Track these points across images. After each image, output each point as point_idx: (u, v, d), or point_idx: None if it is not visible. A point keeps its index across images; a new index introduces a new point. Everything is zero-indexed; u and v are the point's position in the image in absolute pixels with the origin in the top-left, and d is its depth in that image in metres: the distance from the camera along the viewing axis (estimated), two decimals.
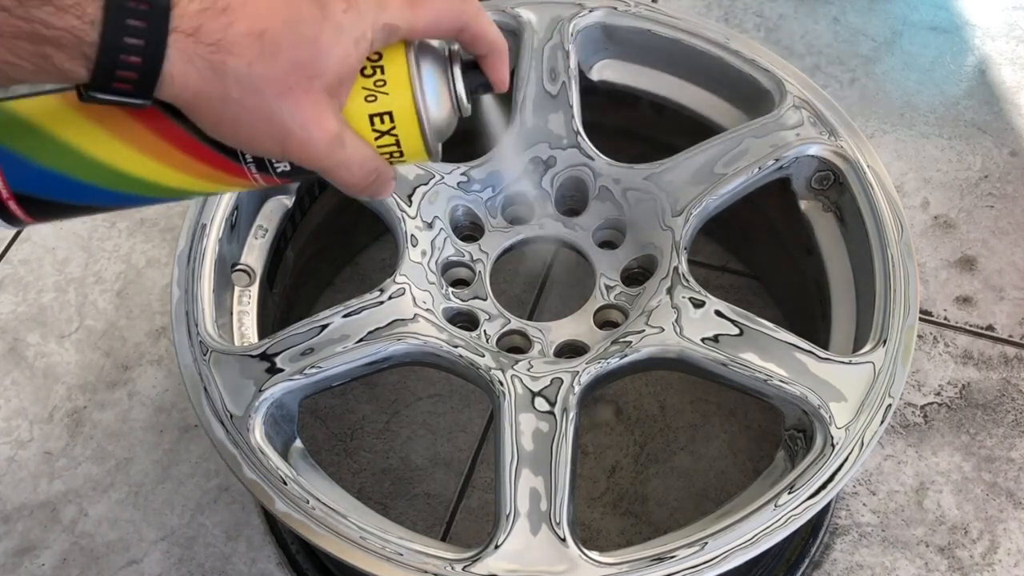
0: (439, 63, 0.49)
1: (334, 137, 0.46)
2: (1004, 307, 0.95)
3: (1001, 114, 1.08)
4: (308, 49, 0.44)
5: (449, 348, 0.67)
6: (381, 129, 0.48)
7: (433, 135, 0.49)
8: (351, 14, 0.45)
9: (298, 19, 0.44)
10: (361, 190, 0.50)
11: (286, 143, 0.46)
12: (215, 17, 0.43)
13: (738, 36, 0.79)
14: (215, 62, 0.43)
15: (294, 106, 0.45)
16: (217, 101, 0.44)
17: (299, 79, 0.44)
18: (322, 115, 0.45)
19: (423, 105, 0.48)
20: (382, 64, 0.47)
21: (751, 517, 0.61)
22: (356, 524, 0.61)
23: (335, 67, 0.45)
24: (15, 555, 0.85)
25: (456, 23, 0.48)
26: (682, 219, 0.72)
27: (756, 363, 0.65)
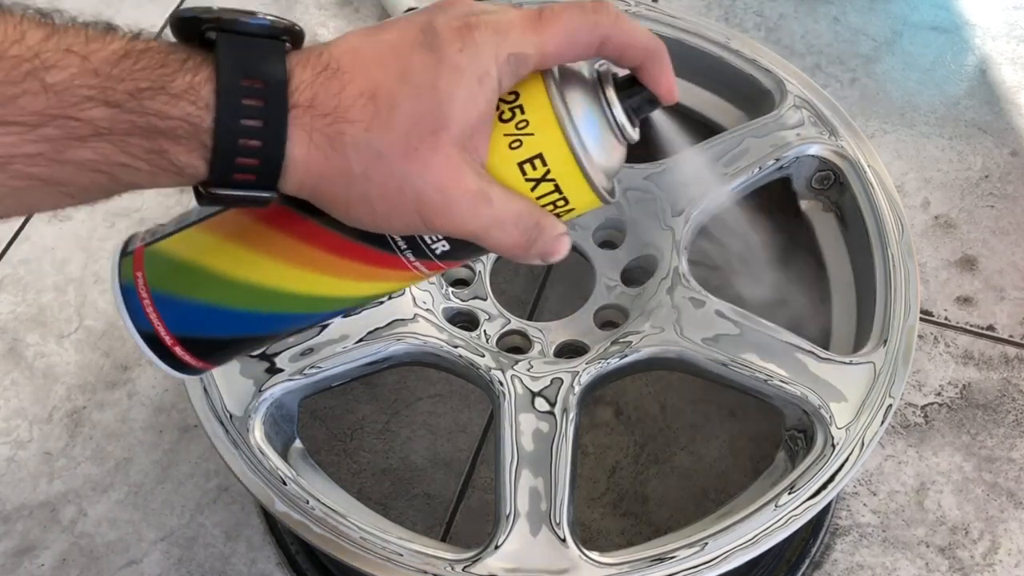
0: (587, 88, 0.43)
1: (476, 195, 0.40)
2: (1005, 307, 0.95)
3: (1002, 114, 1.07)
4: (427, 101, 0.39)
5: (449, 348, 0.67)
6: (535, 177, 0.42)
7: (597, 171, 0.43)
8: (467, 52, 0.39)
9: (411, 69, 0.39)
10: (526, 251, 0.43)
11: (424, 212, 0.40)
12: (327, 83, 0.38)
13: (738, 36, 0.79)
14: (332, 135, 0.38)
15: (423, 168, 0.39)
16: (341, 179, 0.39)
17: (423, 136, 0.39)
18: (457, 172, 0.39)
19: (576, 138, 0.41)
20: (520, 104, 0.41)
21: (751, 517, 0.61)
22: (356, 524, 0.61)
23: (461, 115, 0.39)
24: (14, 555, 0.85)
25: (593, 36, 0.42)
26: (682, 219, 0.72)
27: (756, 363, 0.65)
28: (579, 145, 0.41)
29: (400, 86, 0.39)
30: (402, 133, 0.39)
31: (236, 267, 0.43)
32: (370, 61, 0.39)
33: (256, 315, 0.44)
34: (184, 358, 0.45)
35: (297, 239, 0.43)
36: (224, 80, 0.37)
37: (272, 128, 0.37)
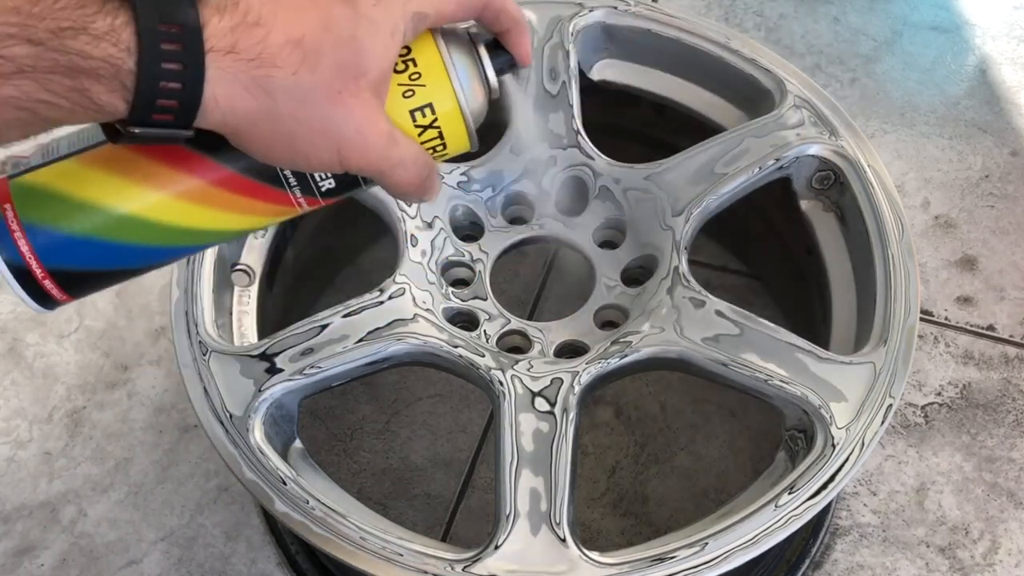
0: (466, 47, 0.48)
1: (387, 136, 0.44)
2: (1005, 307, 0.95)
3: (1002, 114, 1.07)
4: (349, 49, 0.42)
5: (449, 348, 0.67)
6: (423, 123, 0.47)
7: (474, 121, 0.49)
8: (381, 7, 0.43)
9: (332, 20, 0.42)
10: (416, 189, 0.47)
11: (344, 150, 0.44)
12: (248, 31, 0.41)
13: (738, 35, 0.79)
14: (259, 77, 0.41)
15: (346, 111, 0.43)
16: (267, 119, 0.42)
17: (345, 81, 0.42)
18: (374, 115, 0.44)
19: (462, 92, 0.47)
20: (413, 57, 0.46)
21: (752, 517, 0.61)
22: (356, 524, 0.61)
23: (377, 63, 0.43)
24: (14, 555, 0.85)
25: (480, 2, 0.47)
26: (682, 219, 0.72)
27: (756, 363, 0.65)
28: (463, 96, 0.47)
29: (324, 35, 0.42)
30: (327, 78, 0.42)
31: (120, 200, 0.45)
32: (291, 12, 0.42)
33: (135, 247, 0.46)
34: (52, 291, 0.46)
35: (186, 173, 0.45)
36: (143, 24, 0.39)
37: (191, 71, 0.39)
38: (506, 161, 0.76)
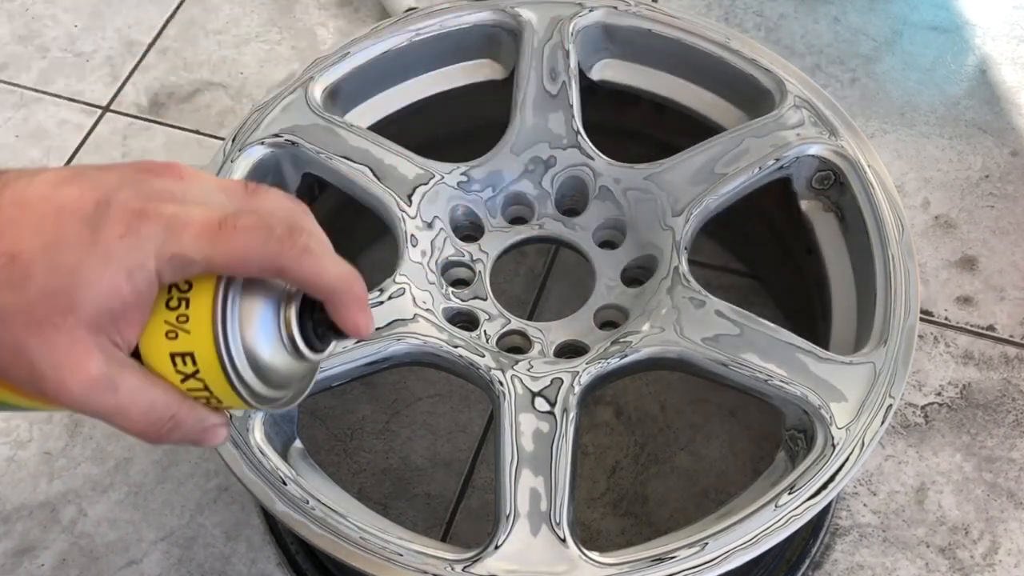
0: (268, 301, 0.42)
1: (96, 381, 0.39)
2: (1005, 307, 0.95)
3: (1002, 114, 1.07)
4: (63, 279, 0.37)
5: (449, 348, 0.67)
6: (185, 372, 0.41)
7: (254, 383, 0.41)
8: (127, 241, 0.38)
9: (59, 243, 0.38)
10: (158, 438, 0.41)
11: (39, 384, 0.39)
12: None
13: (738, 35, 0.79)
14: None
15: (43, 344, 0.38)
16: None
17: (48, 312, 0.38)
18: (80, 356, 0.38)
19: (228, 351, 0.40)
20: (188, 296, 0.40)
21: (752, 517, 0.61)
22: (356, 524, 0.61)
23: (97, 300, 0.38)
24: (14, 555, 0.85)
25: (269, 264, 0.40)
26: (682, 219, 0.72)
27: (756, 363, 0.65)
28: (229, 356, 0.40)
29: (42, 257, 0.38)
30: (29, 303, 0.38)
31: None
32: (29, 221, 0.38)
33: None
34: None
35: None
36: None
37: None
38: (506, 161, 0.76)
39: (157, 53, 1.15)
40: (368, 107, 0.82)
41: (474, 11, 0.80)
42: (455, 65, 0.83)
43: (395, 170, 0.74)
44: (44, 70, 1.14)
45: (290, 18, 1.18)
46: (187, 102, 1.12)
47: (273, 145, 0.74)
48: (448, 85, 0.83)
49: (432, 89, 0.83)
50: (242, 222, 0.39)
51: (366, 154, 0.74)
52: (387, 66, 0.80)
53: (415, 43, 0.80)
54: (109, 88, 1.12)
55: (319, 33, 1.16)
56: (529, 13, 0.79)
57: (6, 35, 1.17)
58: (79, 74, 1.13)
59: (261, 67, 1.14)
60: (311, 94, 0.76)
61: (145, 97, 1.12)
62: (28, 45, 1.16)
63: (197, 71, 1.14)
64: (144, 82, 1.13)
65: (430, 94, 0.83)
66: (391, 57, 0.80)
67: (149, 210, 0.38)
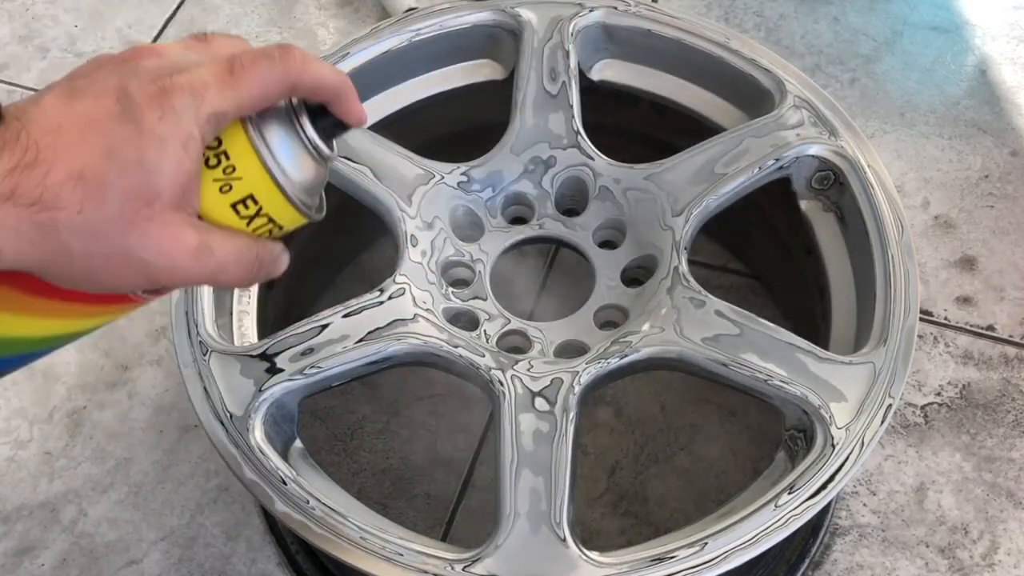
0: (283, 120, 0.46)
1: (197, 249, 0.42)
2: (1005, 307, 0.95)
3: (1002, 114, 1.07)
4: (135, 175, 0.40)
5: (449, 348, 0.67)
6: (248, 214, 0.45)
7: (303, 197, 0.47)
8: (168, 119, 0.40)
9: (115, 145, 0.40)
10: (251, 280, 0.46)
11: (151, 275, 0.42)
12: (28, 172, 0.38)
13: (738, 36, 0.79)
14: (42, 222, 0.39)
15: (143, 238, 0.41)
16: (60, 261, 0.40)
17: (138, 208, 0.40)
18: (176, 234, 0.42)
19: (280, 175, 0.45)
20: (224, 150, 0.44)
21: (751, 517, 0.61)
22: (356, 524, 0.61)
23: (171, 181, 0.41)
24: (15, 555, 0.85)
25: (285, 84, 0.44)
26: (682, 219, 0.72)
27: (756, 363, 0.65)
28: (284, 179, 0.45)
29: (107, 164, 0.39)
30: (116, 210, 0.40)
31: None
32: (72, 141, 0.39)
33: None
34: None
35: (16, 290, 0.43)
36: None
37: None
38: (506, 161, 0.76)
39: None
40: (368, 107, 0.81)
41: (474, 11, 0.80)
42: (455, 65, 0.83)
43: (395, 170, 0.74)
44: (44, 70, 1.14)
45: (290, 18, 1.18)
46: None
47: None
48: (448, 85, 0.83)
49: (432, 89, 0.83)
50: (247, 60, 0.42)
51: (366, 154, 0.74)
52: (387, 66, 0.80)
53: (415, 43, 0.80)
54: None
55: (319, 33, 1.16)
56: (529, 13, 0.79)
57: (6, 35, 1.17)
58: None
59: None
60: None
61: None
62: (28, 45, 1.16)
63: None
64: None
65: (430, 94, 0.83)
66: (391, 57, 0.80)
67: (167, 86, 0.41)
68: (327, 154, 0.47)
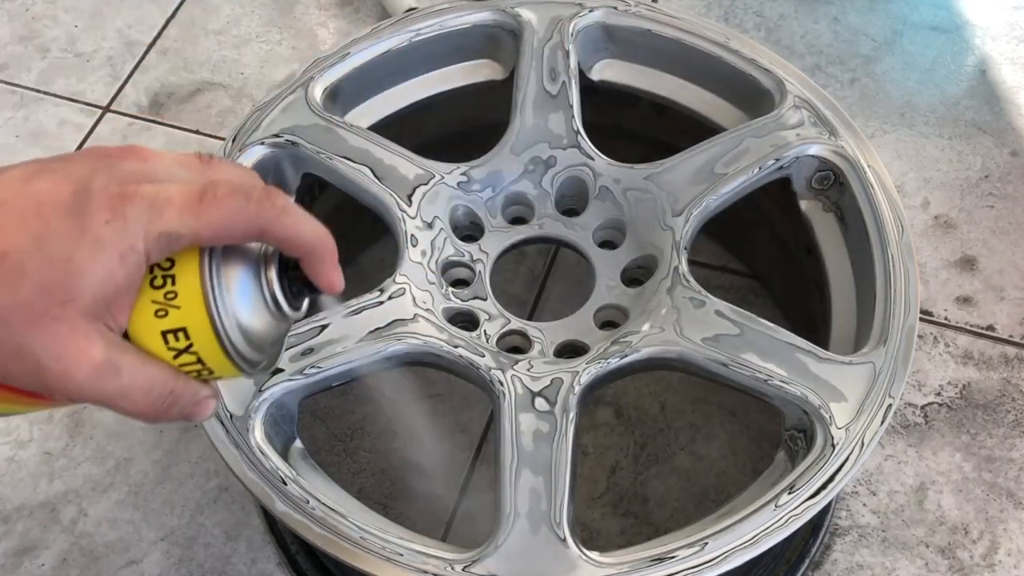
0: (248, 263, 0.43)
1: (100, 366, 0.39)
2: (1005, 307, 0.95)
3: (1002, 114, 1.07)
4: (58, 271, 0.38)
5: (449, 348, 0.67)
6: (177, 347, 0.41)
7: (245, 349, 0.43)
8: (115, 225, 0.38)
9: (47, 236, 0.38)
10: (160, 416, 0.42)
11: (43, 378, 0.39)
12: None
13: (738, 36, 0.79)
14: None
15: (45, 337, 0.38)
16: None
17: (48, 305, 0.38)
18: (82, 343, 0.39)
19: (220, 319, 0.41)
20: (173, 274, 0.41)
21: (751, 517, 0.61)
22: (356, 524, 0.61)
23: (95, 289, 0.38)
24: (15, 555, 0.85)
25: (252, 227, 0.41)
26: (682, 219, 0.72)
27: (756, 363, 0.65)
28: (223, 324, 0.41)
29: (33, 252, 0.38)
30: (26, 299, 0.38)
31: None
32: (10, 219, 0.38)
33: None
34: None
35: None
36: None
37: None
38: (506, 161, 0.76)
39: (157, 53, 1.15)
40: (368, 107, 0.82)
41: (474, 11, 0.80)
42: (455, 65, 0.83)
43: (395, 170, 0.74)
44: (44, 70, 1.14)
45: (290, 18, 1.18)
46: (187, 102, 1.12)
47: (273, 145, 0.74)
48: (448, 85, 0.83)
49: (432, 89, 0.83)
50: (221, 191, 0.40)
51: (366, 154, 0.74)
52: (387, 66, 0.81)
53: (415, 43, 0.80)
54: (109, 88, 1.12)
55: (319, 33, 1.16)
56: (529, 13, 0.79)
57: (6, 35, 1.17)
58: (79, 74, 1.13)
59: (261, 67, 1.14)
60: (311, 94, 0.76)
61: (145, 97, 1.12)
62: (28, 45, 1.16)
63: (197, 71, 1.14)
64: (144, 82, 1.13)
65: (430, 94, 0.83)
66: (391, 57, 0.80)
67: (129, 192, 0.39)
68: (288, 313, 0.44)
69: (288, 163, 0.75)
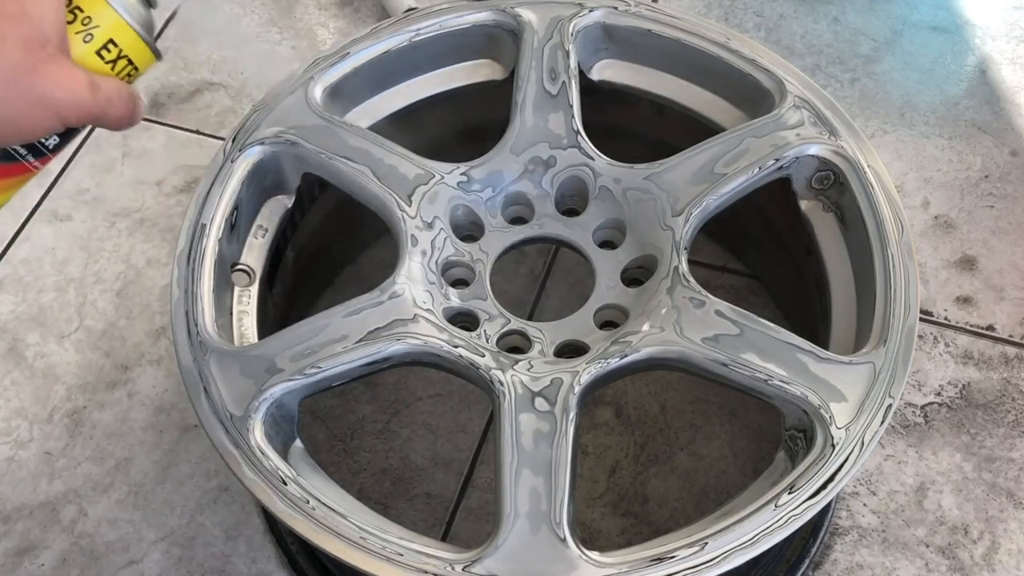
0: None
1: (90, 85, 0.49)
2: (1004, 307, 0.95)
3: (1001, 114, 1.08)
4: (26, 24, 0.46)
5: (449, 348, 0.67)
6: (111, 58, 0.53)
7: (149, 35, 0.55)
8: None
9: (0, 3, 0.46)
10: (131, 118, 0.53)
11: (61, 111, 0.49)
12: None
13: (738, 36, 0.79)
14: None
15: (47, 77, 0.47)
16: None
17: (35, 52, 0.47)
18: (71, 71, 0.48)
19: (128, 14, 0.53)
20: (77, 5, 0.52)
21: (751, 517, 0.61)
22: (356, 524, 0.61)
23: (54, 28, 0.48)
24: (15, 555, 0.85)
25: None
26: (682, 219, 0.72)
27: (756, 363, 0.65)
28: (131, 19, 0.53)
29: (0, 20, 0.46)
30: (18, 56, 0.46)
31: None
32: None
33: None
34: None
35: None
36: None
37: None
38: (506, 161, 0.76)
39: None
40: (368, 107, 0.82)
41: (474, 11, 0.80)
42: (455, 65, 0.83)
43: (395, 170, 0.74)
44: None
45: (290, 18, 1.18)
46: (187, 102, 1.12)
47: (273, 145, 0.74)
48: (448, 85, 0.83)
49: (432, 89, 0.83)
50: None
51: (366, 154, 0.74)
52: (387, 66, 0.80)
53: (415, 43, 0.80)
54: None
55: (319, 33, 1.16)
56: (529, 13, 0.79)
57: None
58: None
59: (261, 67, 1.14)
60: (311, 94, 0.76)
61: (145, 97, 1.12)
62: None
63: (197, 71, 1.14)
64: (144, 82, 1.13)
65: (430, 94, 0.83)
66: (391, 57, 0.80)
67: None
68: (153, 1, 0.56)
69: (288, 163, 0.75)
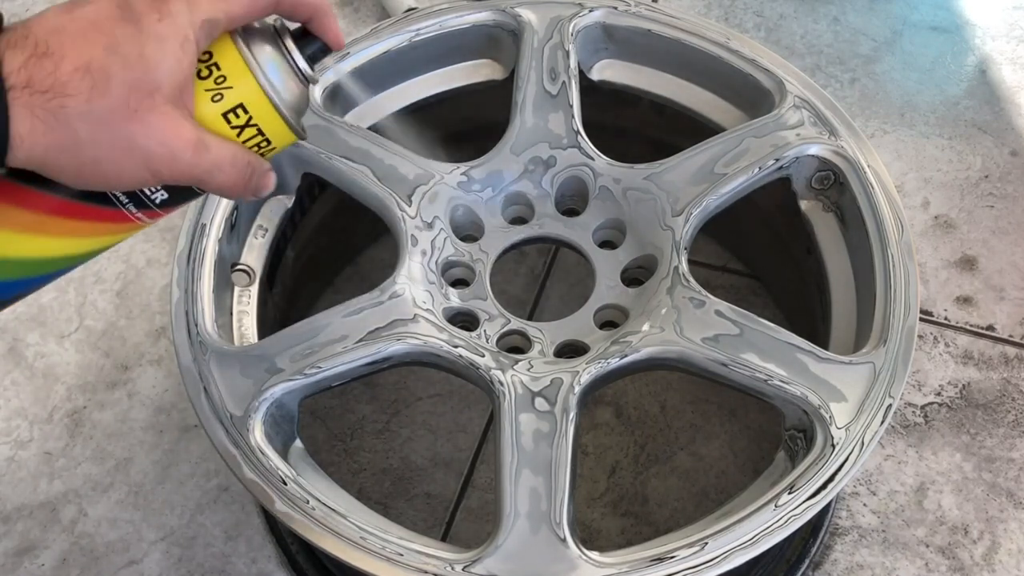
0: (271, 41, 0.49)
1: (196, 143, 0.46)
2: (1004, 307, 0.95)
3: (1001, 114, 1.07)
4: (138, 68, 0.44)
5: (449, 348, 0.67)
6: (239, 124, 0.48)
7: (290, 112, 0.50)
8: (166, 22, 0.45)
9: (117, 42, 0.43)
10: (243, 189, 0.49)
11: (152, 165, 0.45)
12: (39, 63, 0.42)
13: (738, 36, 0.79)
14: (54, 108, 0.42)
15: (146, 127, 0.44)
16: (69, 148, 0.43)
17: (140, 99, 0.44)
18: (176, 126, 0.45)
19: (269, 85, 0.48)
20: (215, 61, 0.47)
21: (751, 517, 0.61)
22: (356, 524, 0.61)
23: (170, 77, 0.45)
24: (15, 555, 0.85)
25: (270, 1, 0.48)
26: (682, 219, 0.72)
27: (756, 363, 0.65)
28: (272, 91, 0.48)
29: (110, 58, 0.43)
30: (120, 99, 0.43)
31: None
32: (76, 38, 0.43)
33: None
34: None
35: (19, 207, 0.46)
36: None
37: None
38: (506, 161, 0.76)
39: None
40: (368, 107, 0.82)
41: (474, 11, 0.80)
42: (455, 65, 0.83)
43: (395, 170, 0.74)
44: None
45: None
46: None
47: None
48: (448, 85, 0.83)
49: (432, 89, 0.83)
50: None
51: (366, 154, 0.74)
52: (387, 66, 0.80)
53: (415, 43, 0.80)
54: None
55: None
56: (529, 13, 0.79)
57: None
58: None
59: None
60: (311, 94, 0.76)
61: None
62: None
63: None
64: None
65: (430, 94, 0.83)
66: (391, 57, 0.80)
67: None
68: (310, 76, 0.50)
69: (288, 163, 0.75)
